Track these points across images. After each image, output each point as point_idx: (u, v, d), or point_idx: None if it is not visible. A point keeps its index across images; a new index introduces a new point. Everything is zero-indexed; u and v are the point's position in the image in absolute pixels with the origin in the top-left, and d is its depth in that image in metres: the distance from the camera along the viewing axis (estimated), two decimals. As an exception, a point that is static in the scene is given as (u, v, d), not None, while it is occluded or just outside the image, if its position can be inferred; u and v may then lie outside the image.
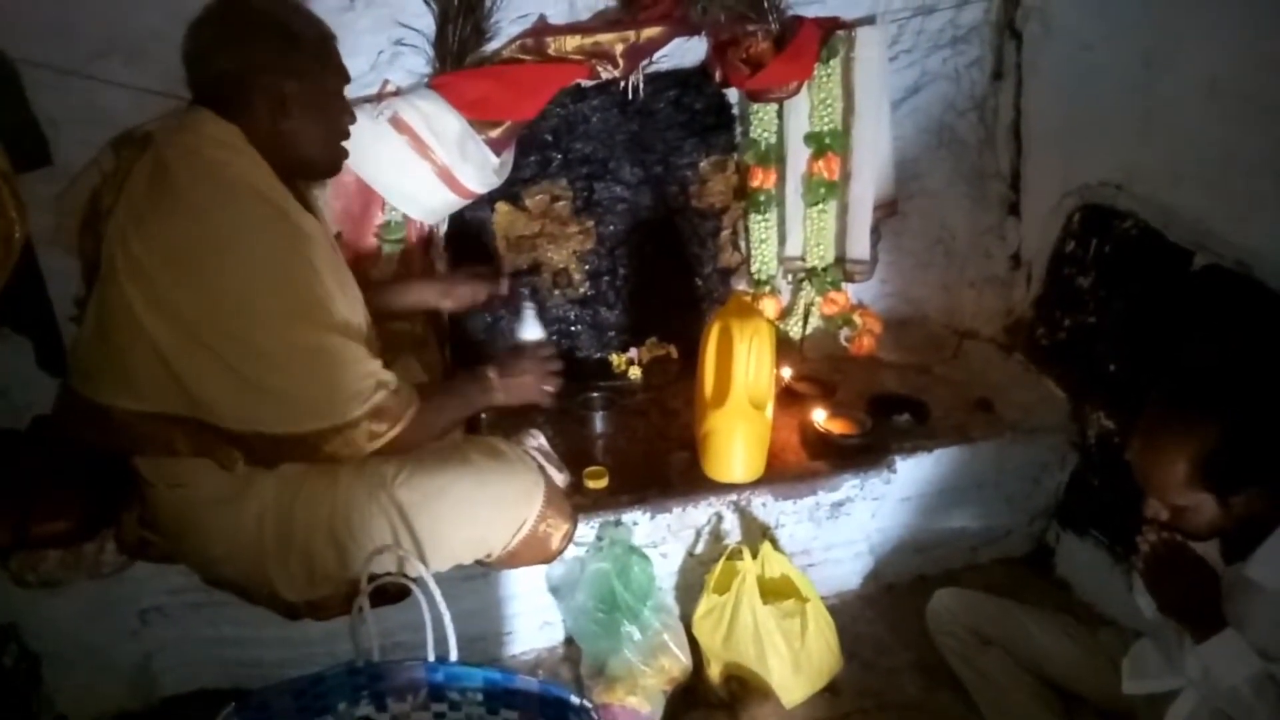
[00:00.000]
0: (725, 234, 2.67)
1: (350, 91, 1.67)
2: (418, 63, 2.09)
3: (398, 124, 1.99)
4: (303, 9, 1.59)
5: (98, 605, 1.85)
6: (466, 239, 2.43)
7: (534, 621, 2.11)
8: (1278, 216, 1.80)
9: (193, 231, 1.43)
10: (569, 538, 1.84)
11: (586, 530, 1.97)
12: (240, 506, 1.59)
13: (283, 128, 1.53)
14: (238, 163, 1.49)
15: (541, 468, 1.86)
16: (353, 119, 1.66)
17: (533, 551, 1.79)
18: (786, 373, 2.44)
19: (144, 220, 1.45)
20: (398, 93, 2.06)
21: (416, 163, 2.04)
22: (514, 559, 1.79)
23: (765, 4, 2.22)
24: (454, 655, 1.46)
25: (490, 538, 1.74)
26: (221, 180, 1.46)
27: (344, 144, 1.66)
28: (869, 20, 2.38)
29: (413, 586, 1.47)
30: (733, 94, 2.54)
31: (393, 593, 1.56)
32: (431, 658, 1.47)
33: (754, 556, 1.95)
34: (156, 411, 1.51)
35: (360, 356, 1.53)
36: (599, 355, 2.62)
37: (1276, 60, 1.77)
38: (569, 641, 2.12)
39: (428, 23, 2.06)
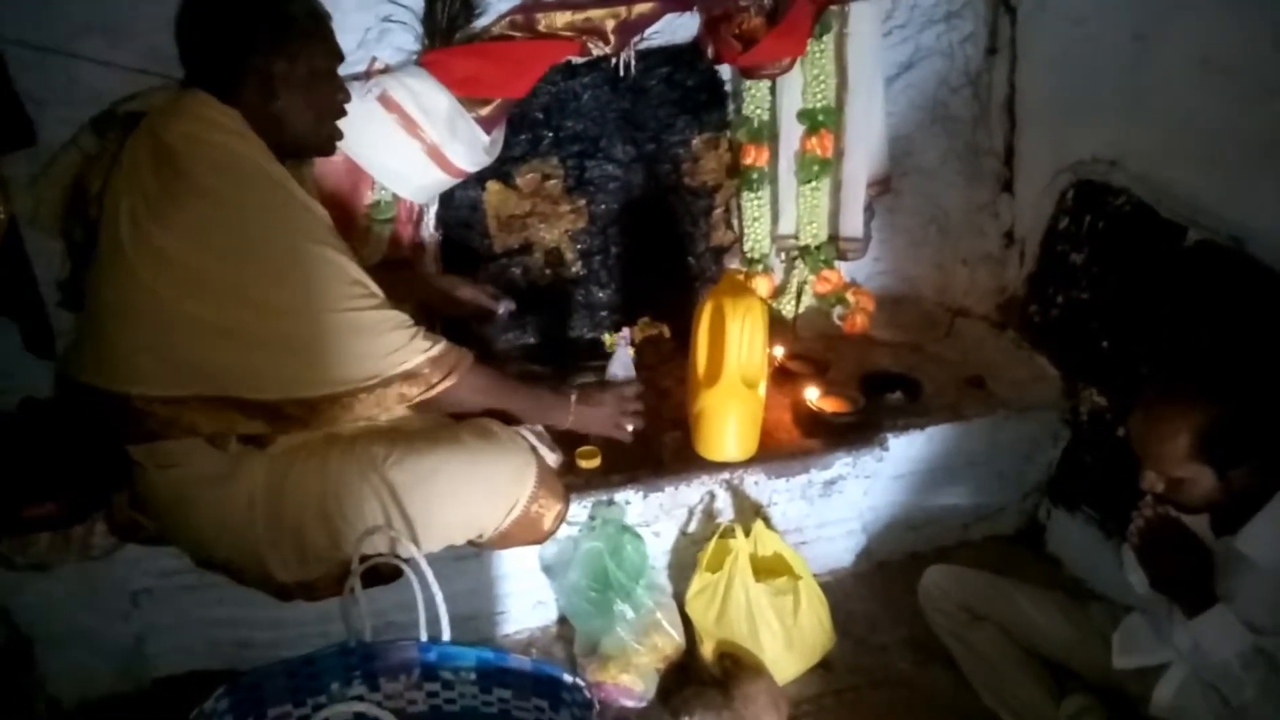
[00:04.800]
0: (718, 212, 2.66)
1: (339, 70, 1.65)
2: (406, 40, 2.06)
3: (386, 102, 1.97)
4: None
5: (88, 588, 1.85)
6: (457, 219, 2.42)
7: (527, 601, 2.11)
8: (1270, 192, 1.80)
9: (218, 216, 1.44)
10: (561, 518, 1.84)
11: (579, 509, 1.97)
12: (231, 488, 1.59)
13: (272, 109, 1.53)
14: (244, 148, 1.49)
15: (534, 448, 1.85)
16: (347, 97, 1.66)
17: (525, 532, 1.79)
18: (779, 351, 2.44)
19: (161, 209, 1.44)
20: (386, 70, 2.03)
21: (405, 141, 2.02)
22: (506, 539, 1.79)
23: (757, -22, 2.20)
24: (446, 635, 1.46)
25: (482, 518, 1.73)
26: (235, 166, 1.47)
27: (337, 123, 1.65)
28: (862, -5, 2.36)
29: (404, 567, 1.46)
30: (725, 71, 2.52)
31: (385, 573, 1.56)
32: (424, 638, 1.47)
33: (746, 535, 1.95)
34: (182, 395, 1.51)
35: (395, 322, 1.56)
36: (591, 335, 2.61)
37: (1268, 36, 1.76)
38: (562, 620, 2.12)
39: (416, -1, 2.03)
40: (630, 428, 1.96)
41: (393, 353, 1.55)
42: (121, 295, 1.48)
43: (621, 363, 2.11)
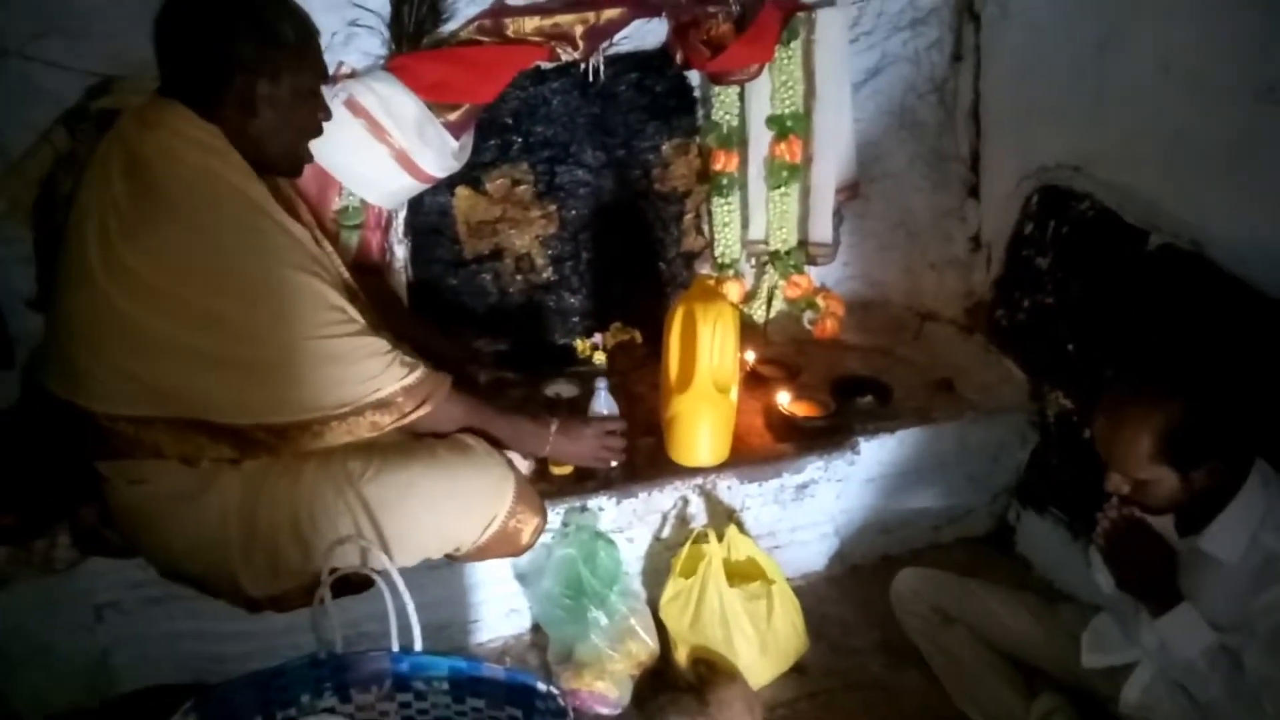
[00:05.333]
0: (688, 217, 2.67)
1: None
2: (373, 44, 2.05)
3: (353, 107, 1.96)
4: (287, 3, 1.53)
5: (51, 602, 1.81)
6: (427, 225, 2.40)
7: (500, 609, 2.10)
8: (1229, 197, 1.83)
9: (193, 239, 1.41)
10: (539, 531, 1.81)
11: (552, 517, 1.95)
12: (203, 503, 1.56)
13: (249, 127, 1.49)
14: (221, 167, 1.46)
15: (510, 460, 1.84)
16: (327, 116, 1.63)
17: (502, 546, 1.77)
18: (750, 356, 2.45)
19: (133, 230, 1.41)
20: (353, 75, 2.02)
21: (373, 146, 2.00)
22: (483, 553, 1.77)
23: (725, -15, 2.21)
24: (419, 645, 1.44)
25: (460, 534, 1.71)
26: (212, 190, 1.44)
27: (310, 143, 1.62)
28: (829, 2, 2.38)
29: (376, 578, 1.45)
30: (694, 76, 2.53)
31: (356, 583, 1.54)
32: (396, 648, 1.46)
33: (720, 540, 1.95)
34: (147, 415, 1.48)
35: (371, 349, 1.53)
36: (563, 341, 2.61)
37: (1226, 43, 1.79)
38: (536, 628, 2.11)
39: (383, 3, 2.01)
40: (614, 463, 1.97)
41: (366, 380, 1.52)
42: (87, 312, 1.45)
43: (604, 402, 2.05)
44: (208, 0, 1.45)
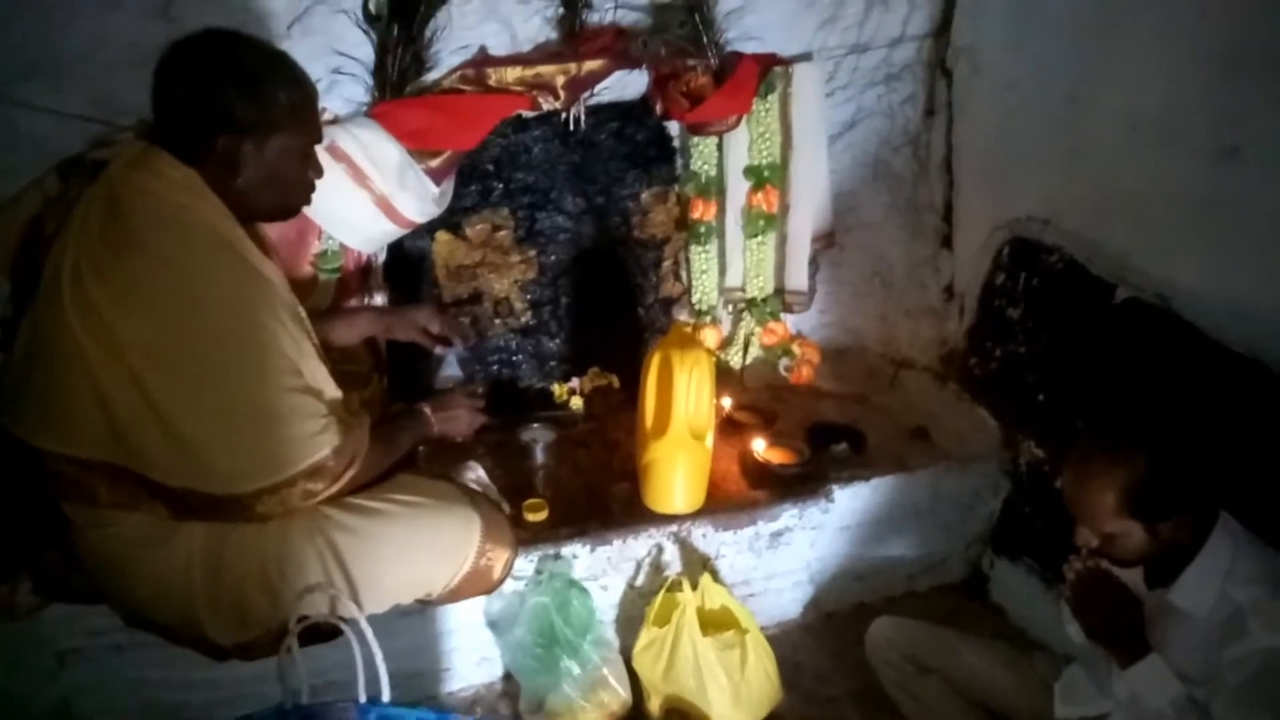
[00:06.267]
0: (667, 264, 2.69)
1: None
2: (356, 91, 2.08)
3: (335, 152, 1.97)
4: (287, 65, 1.53)
5: (12, 649, 1.78)
6: (406, 269, 2.41)
7: (472, 657, 2.07)
8: (1194, 251, 1.87)
9: (155, 277, 1.40)
10: (510, 565, 1.81)
11: (526, 564, 1.95)
12: (168, 550, 1.53)
13: (232, 183, 1.49)
14: (197, 207, 1.45)
15: (473, 496, 1.83)
16: (319, 173, 1.63)
17: (474, 585, 1.77)
18: (727, 402, 2.46)
19: (100, 262, 1.40)
20: (335, 121, 2.04)
21: (354, 191, 2.02)
22: (455, 595, 1.76)
23: (705, 39, 2.26)
24: (386, 695, 1.42)
25: (431, 578, 1.71)
26: (182, 226, 1.43)
27: (302, 195, 1.62)
28: (806, 57, 2.44)
29: (344, 627, 1.43)
30: (674, 126, 2.57)
31: (325, 630, 1.51)
32: (363, 698, 1.44)
33: (694, 588, 1.94)
34: (86, 458, 1.46)
35: (307, 412, 1.49)
36: (540, 385, 2.61)
37: (1191, 101, 1.85)
38: (507, 677, 2.09)
39: (366, 52, 2.05)
40: (477, 423, 1.93)
41: (302, 441, 1.48)
42: (51, 341, 1.43)
43: (453, 365, 2.25)
44: (203, 58, 1.45)
